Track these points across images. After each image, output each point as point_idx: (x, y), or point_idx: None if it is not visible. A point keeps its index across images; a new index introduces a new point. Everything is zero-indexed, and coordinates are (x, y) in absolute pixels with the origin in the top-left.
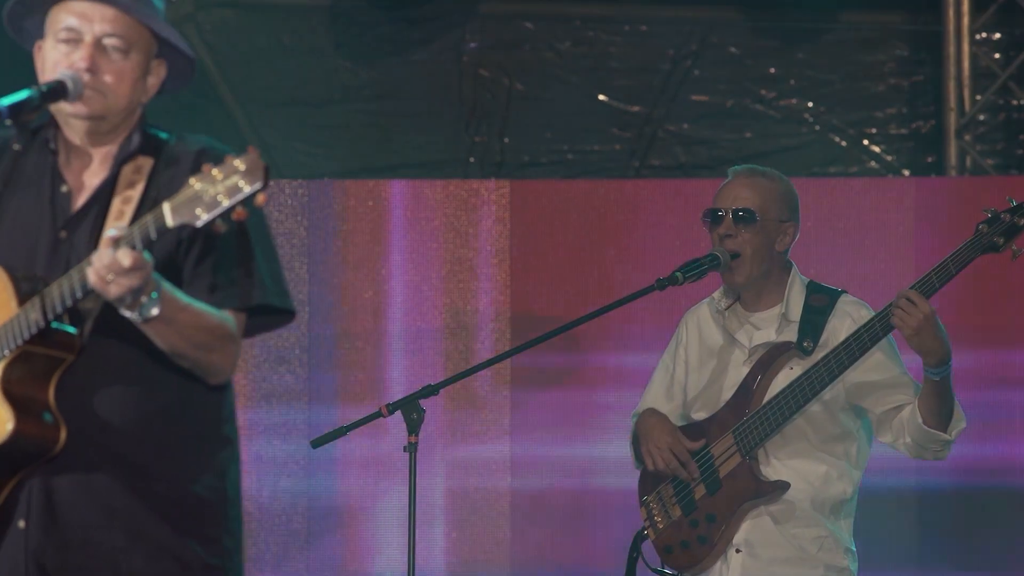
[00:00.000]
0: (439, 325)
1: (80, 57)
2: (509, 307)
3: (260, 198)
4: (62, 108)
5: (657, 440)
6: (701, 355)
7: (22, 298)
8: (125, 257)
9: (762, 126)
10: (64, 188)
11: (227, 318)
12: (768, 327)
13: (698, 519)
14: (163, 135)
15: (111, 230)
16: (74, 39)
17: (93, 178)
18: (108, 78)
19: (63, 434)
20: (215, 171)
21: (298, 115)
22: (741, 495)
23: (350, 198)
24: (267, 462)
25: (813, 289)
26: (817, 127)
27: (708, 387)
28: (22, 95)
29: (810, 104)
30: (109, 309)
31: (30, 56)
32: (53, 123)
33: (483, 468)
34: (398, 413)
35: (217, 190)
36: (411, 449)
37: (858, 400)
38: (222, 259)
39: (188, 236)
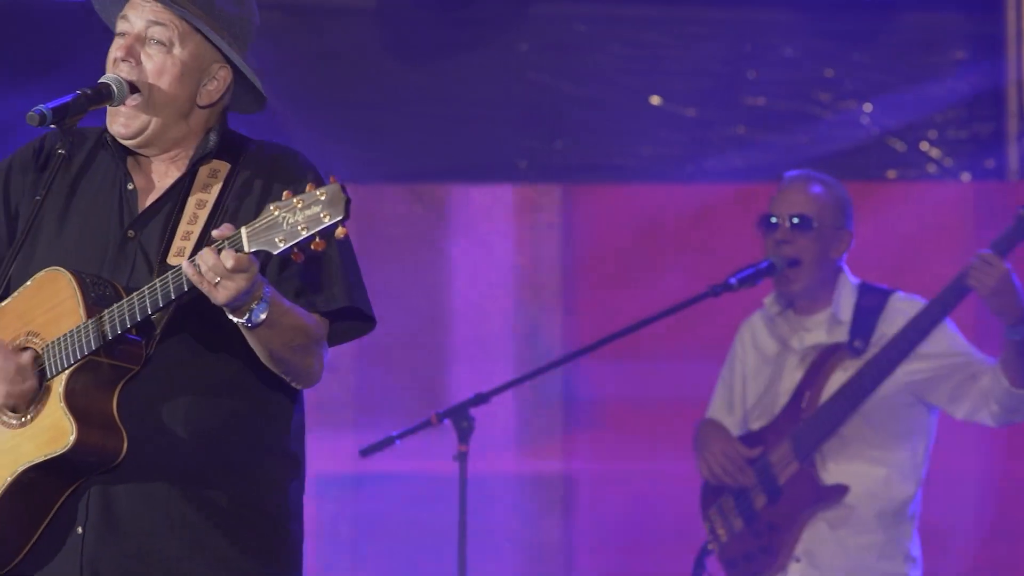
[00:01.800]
0: (492, 332)
1: (119, 46)
2: (562, 313)
3: (340, 231)
4: (109, 117)
5: (712, 447)
6: (757, 364)
7: (90, 305)
8: (228, 258)
9: (818, 129)
10: (131, 187)
11: (320, 320)
12: (818, 329)
13: (760, 529)
14: (245, 140)
15: (215, 231)
16: (127, 31)
17: (163, 178)
18: (147, 71)
19: (124, 445)
20: (296, 199)
21: (348, 119)
22: (801, 502)
23: (401, 203)
24: (315, 471)
25: (864, 290)
26: (875, 130)
27: (765, 395)
28: (66, 99)
29: (867, 107)
30: (176, 319)
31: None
32: None
33: (536, 477)
34: (448, 421)
35: (297, 219)
36: (461, 458)
37: (923, 386)
38: (307, 264)
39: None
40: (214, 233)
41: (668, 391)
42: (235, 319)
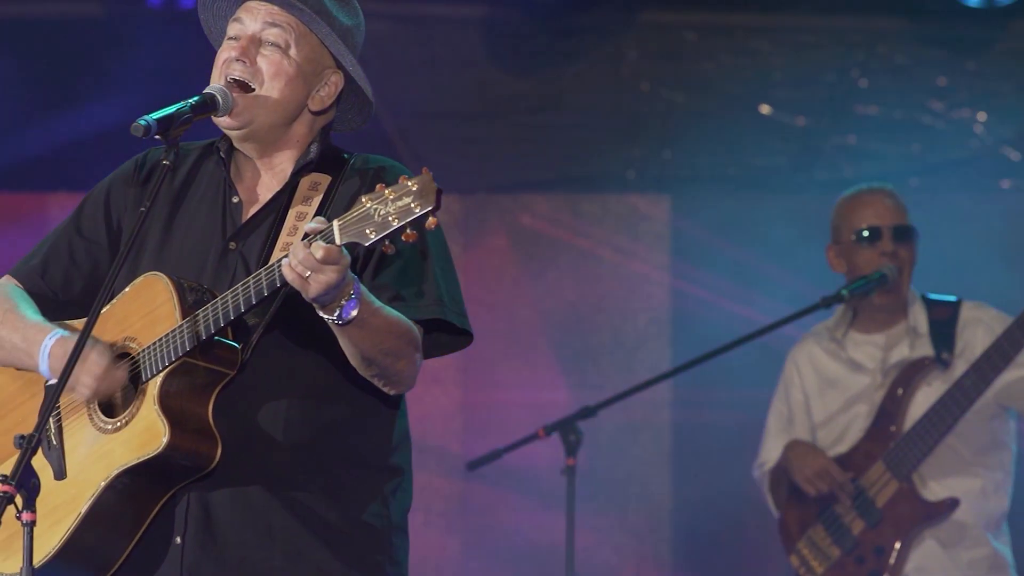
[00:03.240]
0: (598, 344)
1: (234, 47)
2: (670, 325)
3: (431, 221)
4: (216, 122)
5: (812, 465)
6: (820, 388)
7: (186, 309)
8: (318, 250)
9: (931, 139)
10: (235, 199)
11: (413, 326)
12: (900, 344)
13: (864, 555)
14: (345, 153)
15: (309, 223)
16: (239, 34)
17: (265, 190)
18: (261, 70)
19: (219, 451)
20: (387, 191)
21: (452, 128)
22: (908, 521)
23: (506, 213)
24: (421, 484)
25: (930, 302)
26: (988, 139)
27: (834, 420)
28: (170, 109)
29: (981, 116)
30: (274, 325)
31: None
32: (226, 136)
33: (642, 492)
34: (556, 435)
35: (388, 210)
36: (569, 472)
37: (1009, 397)
38: (401, 272)
39: (365, 249)
40: (307, 228)
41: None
42: (325, 316)
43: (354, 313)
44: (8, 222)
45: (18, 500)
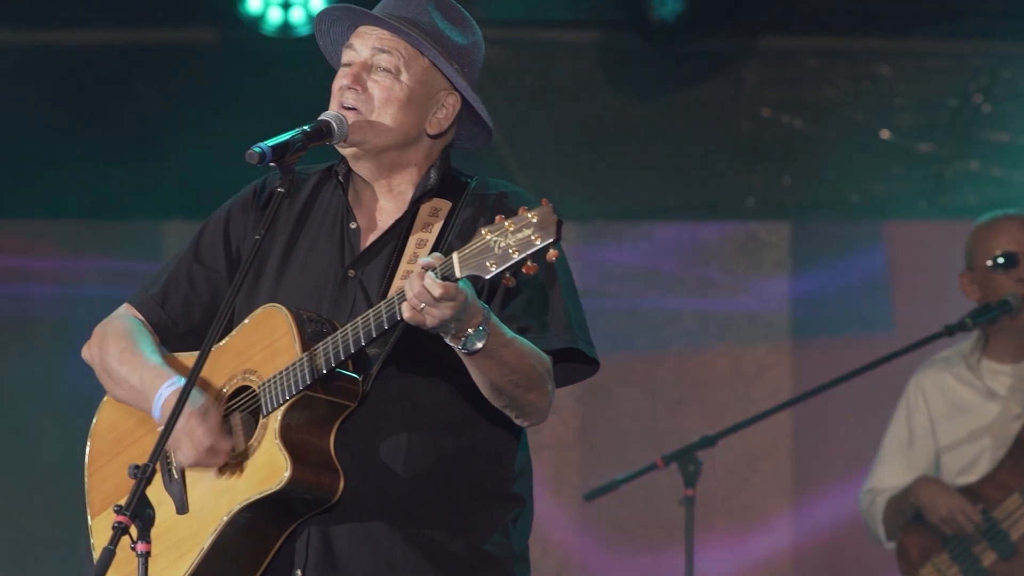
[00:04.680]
0: (717, 373)
1: (345, 75)
2: (790, 354)
3: (552, 253)
4: (337, 146)
5: (947, 504)
6: (948, 415)
7: (306, 341)
8: (434, 287)
9: None
10: (353, 225)
11: (545, 356)
12: None
13: None
14: (465, 177)
15: (423, 258)
16: (352, 60)
17: (384, 216)
18: (372, 96)
19: (341, 483)
20: (507, 223)
21: (569, 155)
22: None
23: (626, 241)
24: (539, 515)
25: None
26: None
27: (961, 447)
28: (285, 136)
29: None
30: (395, 355)
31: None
32: (344, 160)
33: (763, 523)
34: (674, 465)
35: (508, 242)
36: (688, 503)
37: None
38: (530, 302)
39: (487, 282)
40: (421, 262)
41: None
42: (452, 344)
43: (479, 345)
44: (123, 249)
45: (132, 530)
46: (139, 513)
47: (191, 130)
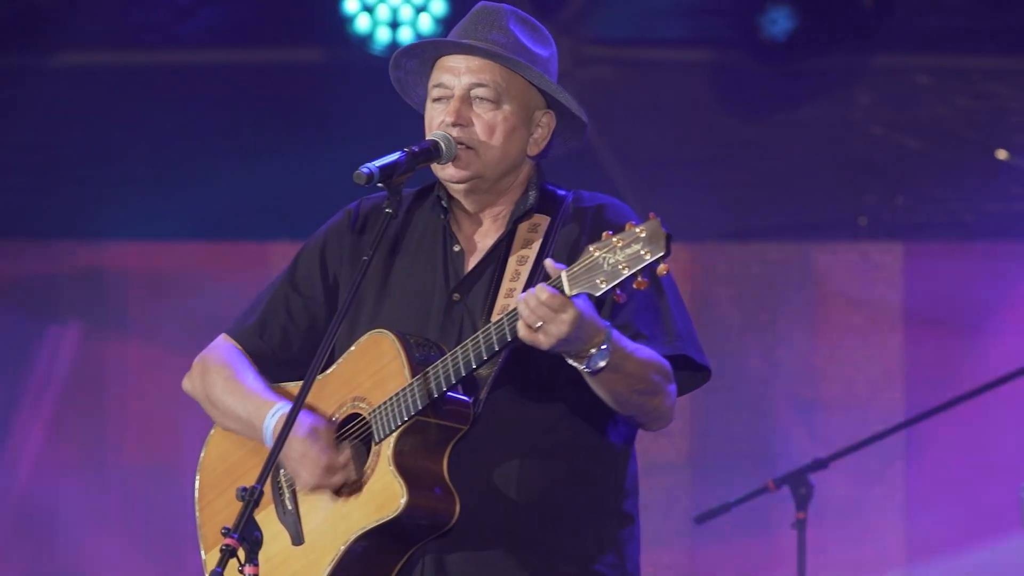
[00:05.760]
0: (829, 395)
1: (447, 111)
2: (903, 376)
3: (662, 267)
4: (437, 171)
5: None
6: None
7: (415, 366)
8: (553, 299)
9: None
10: (456, 248)
11: (663, 360)
12: None
13: None
14: (561, 192)
15: (540, 285)
16: (446, 96)
17: (485, 238)
18: (477, 130)
19: (457, 507)
20: (615, 238)
21: (679, 174)
22: None
23: (734, 261)
24: (648, 538)
25: None
26: None
27: None
28: (393, 157)
29: None
30: (504, 377)
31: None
32: (442, 183)
33: (876, 547)
34: (786, 488)
35: (617, 259)
36: (799, 526)
37: None
38: (639, 311)
39: (595, 299)
40: (547, 265)
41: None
42: (574, 364)
43: (602, 364)
44: (230, 271)
45: (240, 554)
46: (247, 536)
47: (297, 150)
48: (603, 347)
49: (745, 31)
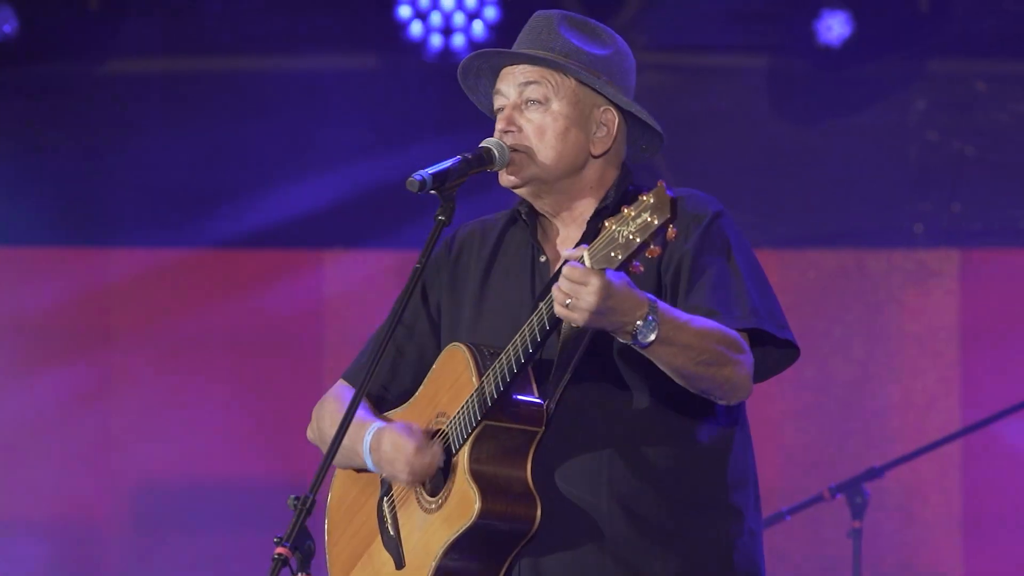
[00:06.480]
0: (884, 404)
1: (500, 118)
2: (960, 384)
3: (670, 232)
4: (500, 180)
5: None
6: None
7: (481, 372)
8: (572, 271)
9: None
10: (543, 258)
11: (729, 329)
12: None
13: None
14: (646, 191)
15: (567, 250)
16: (503, 105)
17: (568, 244)
18: (529, 133)
19: (538, 511)
20: (627, 210)
21: (733, 181)
22: None
23: (790, 269)
24: None
25: None
26: None
27: None
28: (445, 164)
29: None
30: (580, 375)
31: None
32: (524, 200)
33: (931, 557)
34: (841, 497)
35: (629, 229)
36: (855, 535)
37: None
38: (711, 290)
39: (666, 267)
40: (564, 254)
41: None
42: (625, 341)
43: (652, 336)
44: (284, 279)
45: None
46: (299, 544)
47: (350, 158)
48: (649, 318)
49: (800, 37)
